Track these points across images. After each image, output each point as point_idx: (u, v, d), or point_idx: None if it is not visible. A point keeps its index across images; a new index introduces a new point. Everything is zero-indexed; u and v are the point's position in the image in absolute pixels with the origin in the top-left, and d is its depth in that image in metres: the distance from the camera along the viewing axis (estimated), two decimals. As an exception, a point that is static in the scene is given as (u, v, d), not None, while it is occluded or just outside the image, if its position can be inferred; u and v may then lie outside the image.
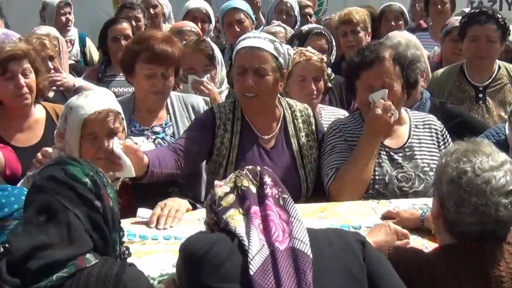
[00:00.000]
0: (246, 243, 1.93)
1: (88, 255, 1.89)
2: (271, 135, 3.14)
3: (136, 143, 2.80)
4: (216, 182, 2.15)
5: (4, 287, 1.78)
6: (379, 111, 2.97)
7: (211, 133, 3.05)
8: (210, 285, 1.88)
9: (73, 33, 5.58)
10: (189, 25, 4.70)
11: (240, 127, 3.09)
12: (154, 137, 3.31)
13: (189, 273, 1.95)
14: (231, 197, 2.06)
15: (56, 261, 1.83)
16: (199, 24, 5.07)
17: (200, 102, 3.48)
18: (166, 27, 5.69)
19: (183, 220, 2.70)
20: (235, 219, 2.00)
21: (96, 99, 2.75)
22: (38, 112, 3.41)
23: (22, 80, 3.24)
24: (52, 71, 3.93)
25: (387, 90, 3.01)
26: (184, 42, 3.88)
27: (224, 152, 3.05)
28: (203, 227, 2.52)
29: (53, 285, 1.81)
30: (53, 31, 4.46)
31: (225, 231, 2.01)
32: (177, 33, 4.36)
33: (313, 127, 3.19)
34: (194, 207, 2.83)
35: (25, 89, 3.25)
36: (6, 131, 3.30)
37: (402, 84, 3.08)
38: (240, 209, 2.03)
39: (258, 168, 2.14)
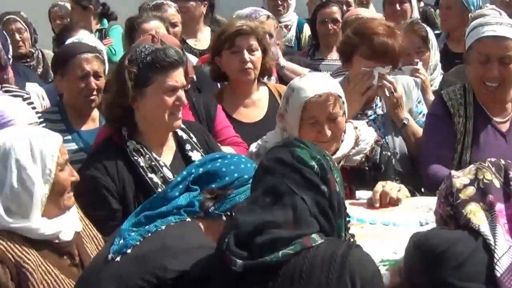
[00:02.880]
0: (492, 243, 1.82)
1: (313, 235, 1.87)
2: (506, 118, 3.04)
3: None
4: (452, 172, 2.04)
5: (231, 259, 1.83)
6: None
7: (451, 125, 2.99)
8: (452, 282, 1.81)
9: (292, 18, 5.56)
10: None
11: (473, 111, 3.00)
12: (366, 119, 3.25)
13: (428, 270, 1.89)
14: (471, 190, 1.95)
15: (282, 238, 1.83)
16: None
17: (410, 82, 3.39)
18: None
19: (402, 206, 2.63)
20: (478, 216, 1.89)
21: (317, 81, 2.71)
22: (262, 90, 3.52)
23: (247, 55, 3.34)
24: None
25: None
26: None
27: (459, 137, 2.97)
28: (422, 216, 2.47)
29: (279, 261, 1.81)
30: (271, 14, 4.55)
31: (466, 228, 1.91)
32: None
33: None
34: (413, 195, 2.75)
35: (249, 65, 3.35)
36: (231, 107, 3.44)
37: None
38: (481, 204, 1.91)
39: (502, 161, 2.00)
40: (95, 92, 3.26)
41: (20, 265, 2.10)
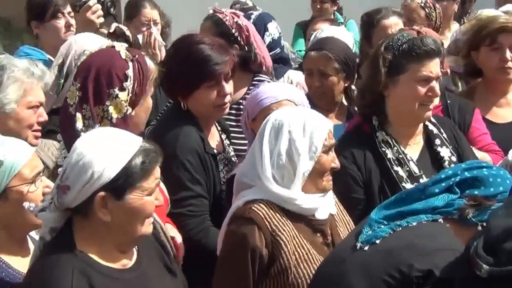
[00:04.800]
0: None
1: None
2: None
3: None
4: None
5: (477, 263, 1.74)
6: None
7: None
8: None
9: None
10: None
11: None
12: None
13: None
14: None
15: None
16: None
17: None
18: None
19: None
20: None
21: None
22: None
23: (509, 54, 3.19)
24: None
25: None
26: None
27: None
28: None
29: None
30: None
31: None
32: None
33: None
34: None
35: (510, 64, 3.20)
36: (483, 105, 3.29)
37: None
38: None
39: None
40: (318, 90, 3.22)
41: (275, 234, 2.20)
